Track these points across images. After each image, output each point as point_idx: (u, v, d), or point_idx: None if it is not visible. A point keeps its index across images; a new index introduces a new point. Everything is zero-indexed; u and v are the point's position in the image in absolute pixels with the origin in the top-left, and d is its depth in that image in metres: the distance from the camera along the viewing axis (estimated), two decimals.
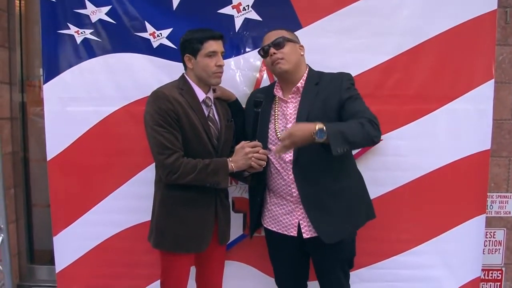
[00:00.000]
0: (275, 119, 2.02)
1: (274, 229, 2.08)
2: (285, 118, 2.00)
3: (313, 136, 1.72)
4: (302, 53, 2.02)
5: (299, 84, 1.99)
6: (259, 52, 2.05)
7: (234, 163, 1.94)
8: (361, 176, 2.12)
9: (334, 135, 1.72)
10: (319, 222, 1.95)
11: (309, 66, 2.06)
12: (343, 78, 1.97)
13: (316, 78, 2.00)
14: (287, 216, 2.03)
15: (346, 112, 1.90)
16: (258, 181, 2.09)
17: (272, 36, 1.99)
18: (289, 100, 2.01)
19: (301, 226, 1.99)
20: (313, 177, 1.93)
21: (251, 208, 2.21)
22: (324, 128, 1.72)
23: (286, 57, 1.95)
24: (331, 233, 1.95)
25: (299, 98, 1.99)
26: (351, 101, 1.91)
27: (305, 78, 2.00)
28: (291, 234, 2.01)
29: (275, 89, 2.06)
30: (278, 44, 1.95)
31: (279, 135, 1.98)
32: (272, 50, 1.96)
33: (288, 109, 2.00)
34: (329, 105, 1.92)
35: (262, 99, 1.96)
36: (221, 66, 1.98)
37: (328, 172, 1.94)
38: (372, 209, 2.12)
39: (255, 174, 2.02)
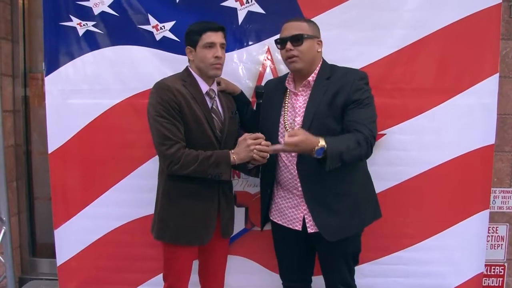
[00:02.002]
0: (285, 111, 2.02)
1: (280, 222, 2.08)
2: (294, 111, 1.99)
3: (313, 151, 1.76)
4: (319, 50, 1.96)
5: (310, 78, 1.97)
6: (276, 41, 2.01)
7: (236, 155, 1.93)
8: (369, 176, 2.10)
9: (332, 157, 1.78)
10: (322, 219, 1.94)
11: (323, 59, 2.02)
12: (356, 77, 1.92)
13: (328, 72, 1.97)
14: (293, 210, 2.02)
15: (348, 115, 1.88)
16: (269, 174, 2.08)
17: (292, 28, 1.93)
18: (299, 93, 2.00)
19: (306, 221, 1.98)
20: (317, 174, 1.90)
21: (261, 201, 2.20)
22: (325, 146, 1.76)
23: (302, 55, 1.92)
24: (334, 231, 1.94)
25: (309, 92, 1.97)
26: (358, 106, 1.88)
27: (317, 71, 1.98)
28: (296, 228, 2.01)
29: (287, 81, 2.05)
30: (297, 40, 1.90)
31: (287, 127, 1.97)
32: (289, 45, 1.92)
33: (298, 102, 1.99)
34: (336, 101, 1.90)
35: (263, 90, 1.97)
36: (219, 58, 1.96)
37: (333, 170, 1.90)
38: (378, 208, 2.11)
39: (263, 166, 2.00)
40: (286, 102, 2.03)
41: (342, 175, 1.92)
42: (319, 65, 1.99)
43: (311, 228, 1.97)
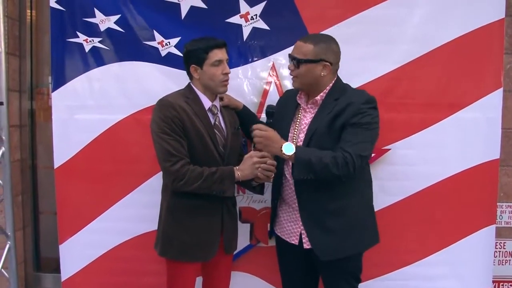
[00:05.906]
0: (294, 126, 2.02)
1: (281, 236, 2.09)
2: (300, 127, 2.00)
3: (281, 148, 1.82)
4: (323, 74, 1.92)
5: (318, 97, 1.97)
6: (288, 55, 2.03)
7: (240, 171, 1.94)
8: (367, 197, 2.06)
9: (299, 162, 1.82)
10: (316, 237, 1.94)
11: (337, 79, 2.00)
12: (361, 101, 1.89)
13: (338, 93, 1.95)
14: (291, 224, 2.03)
15: (342, 135, 1.87)
16: (276, 187, 2.09)
17: (296, 49, 1.95)
18: (308, 109, 2.01)
19: (302, 236, 1.98)
20: (311, 191, 1.91)
21: (271, 212, 2.20)
22: (293, 146, 1.83)
23: (299, 77, 1.95)
24: (327, 250, 1.93)
25: (317, 110, 1.97)
26: (352, 128, 1.86)
27: (327, 91, 1.97)
28: (293, 242, 2.02)
29: (298, 96, 2.05)
30: (296, 62, 1.93)
31: (294, 142, 1.97)
32: (290, 64, 1.98)
33: (305, 118, 2.00)
34: (336, 123, 1.89)
35: (274, 110, 2.00)
36: (227, 74, 1.99)
37: (327, 188, 1.91)
38: (376, 233, 2.07)
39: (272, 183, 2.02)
40: (297, 116, 2.04)
41: (337, 192, 1.92)
42: (330, 85, 1.97)
43: (307, 244, 1.97)
